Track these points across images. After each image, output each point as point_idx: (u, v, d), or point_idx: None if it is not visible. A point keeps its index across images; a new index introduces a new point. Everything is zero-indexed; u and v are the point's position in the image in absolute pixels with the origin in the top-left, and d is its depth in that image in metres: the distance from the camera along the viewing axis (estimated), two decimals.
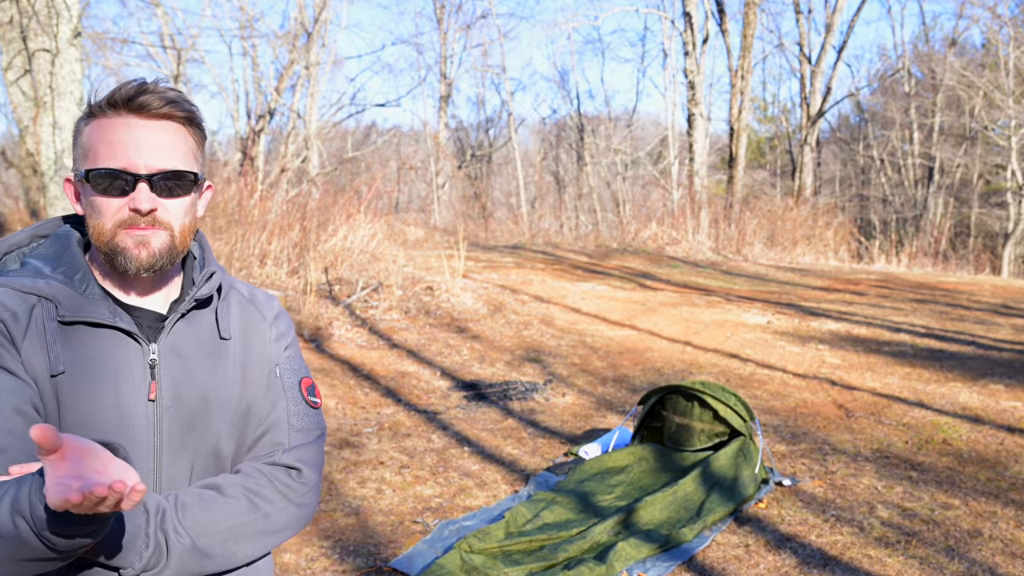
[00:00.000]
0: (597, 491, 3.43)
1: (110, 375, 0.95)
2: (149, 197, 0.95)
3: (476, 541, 2.81)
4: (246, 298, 1.11)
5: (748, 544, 3.08)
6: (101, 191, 0.95)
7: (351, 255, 7.76)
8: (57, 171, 5.96)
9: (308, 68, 15.74)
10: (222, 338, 1.03)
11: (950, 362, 6.00)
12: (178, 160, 0.97)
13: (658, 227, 13.92)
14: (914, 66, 21.25)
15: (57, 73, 5.78)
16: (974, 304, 8.65)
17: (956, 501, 3.50)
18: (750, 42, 16.20)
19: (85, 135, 0.97)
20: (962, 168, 20.40)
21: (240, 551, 1.00)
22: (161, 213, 0.96)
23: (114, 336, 0.96)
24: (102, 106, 0.96)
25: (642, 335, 6.82)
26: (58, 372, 0.92)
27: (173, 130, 0.97)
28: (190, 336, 1.01)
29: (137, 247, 0.95)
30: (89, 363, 0.94)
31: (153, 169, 0.95)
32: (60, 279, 0.98)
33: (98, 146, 0.95)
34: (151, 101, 0.95)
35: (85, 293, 0.97)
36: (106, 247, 0.96)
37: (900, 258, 13.92)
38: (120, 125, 0.95)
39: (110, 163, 0.94)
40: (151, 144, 0.95)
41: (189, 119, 0.99)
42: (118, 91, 0.95)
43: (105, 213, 0.95)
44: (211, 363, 1.02)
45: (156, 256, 0.96)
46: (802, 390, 5.32)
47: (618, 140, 21.99)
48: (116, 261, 0.96)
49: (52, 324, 0.94)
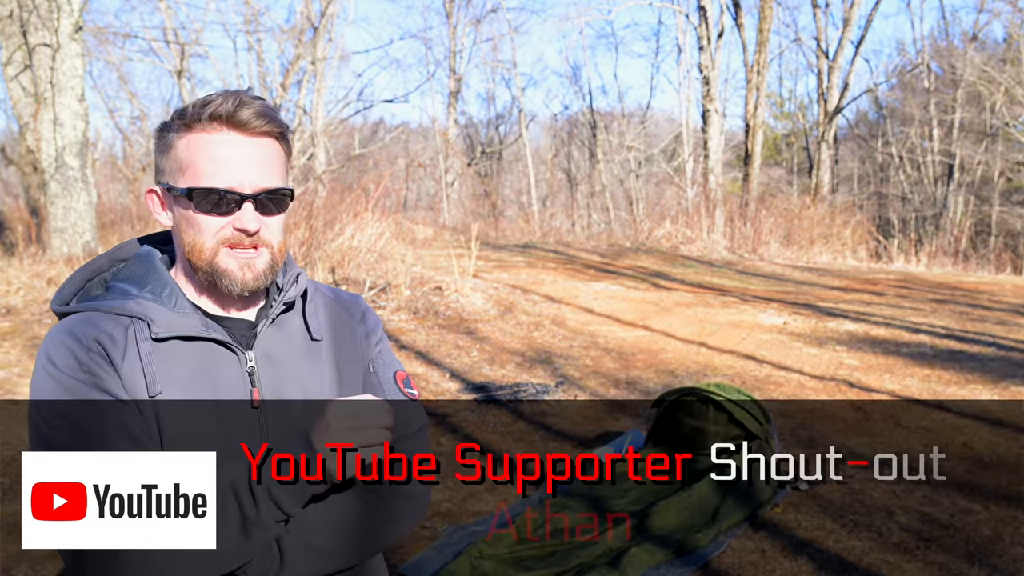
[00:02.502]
0: (611, 495, 3.40)
1: (208, 388, 0.96)
2: (255, 217, 0.95)
3: (486, 547, 2.79)
4: (331, 298, 1.11)
5: (764, 550, 3.04)
6: (204, 209, 0.95)
7: (358, 254, 7.76)
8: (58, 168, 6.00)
9: (314, 63, 15.73)
10: (313, 339, 1.04)
11: (970, 364, 5.91)
12: (277, 178, 0.98)
13: (672, 226, 13.83)
14: (933, 61, 20.96)
15: (58, 68, 5.80)
16: (995, 304, 8.51)
17: (977, 506, 3.45)
18: (766, 36, 16.05)
19: (181, 148, 0.96)
20: (983, 165, 20.10)
21: (357, 546, 1.00)
22: (264, 232, 0.97)
23: (209, 348, 0.97)
24: (201, 118, 0.95)
25: (656, 336, 6.77)
26: (156, 392, 0.93)
27: (271, 147, 0.98)
28: (282, 340, 1.02)
29: (242, 269, 0.96)
30: (187, 379, 0.95)
31: (257, 188, 0.96)
32: (149, 297, 0.97)
33: (199, 162, 0.95)
34: (252, 118, 0.95)
35: (175, 308, 0.97)
36: (207, 266, 0.96)
37: (919, 257, 13.74)
38: (223, 142, 0.95)
39: (215, 182, 0.94)
40: (254, 162, 0.96)
41: (282, 135, 0.99)
42: (218, 105, 0.95)
43: (207, 231, 0.95)
44: (306, 365, 1.02)
45: (261, 277, 0.97)
46: (819, 392, 5.26)
47: (631, 137, 21.87)
48: (220, 282, 0.96)
49: (147, 344, 0.94)
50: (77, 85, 5.85)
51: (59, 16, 5.68)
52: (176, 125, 0.97)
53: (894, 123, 22.92)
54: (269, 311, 1.02)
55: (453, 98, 22.22)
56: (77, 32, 5.83)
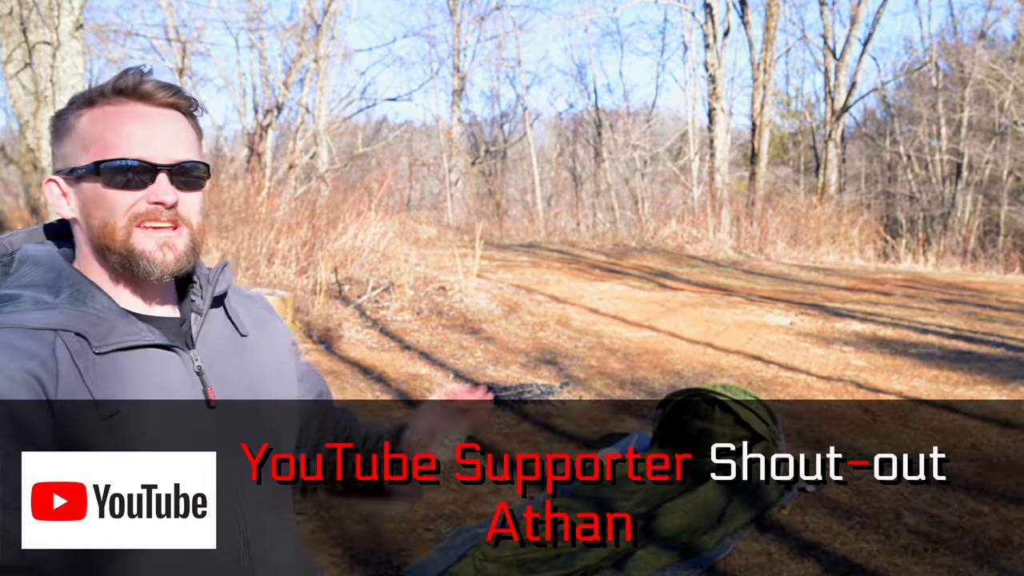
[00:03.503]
0: (616, 497, 3.39)
1: (165, 395, 0.88)
2: (171, 189, 0.88)
3: (490, 549, 2.78)
4: (241, 293, 1.06)
5: (771, 552, 3.03)
6: (115, 184, 0.87)
7: (361, 254, 7.75)
8: None
9: (317, 61, 15.66)
10: (242, 335, 0.98)
11: (979, 364, 5.87)
12: (191, 151, 0.90)
13: (678, 225, 13.80)
14: (941, 59, 20.85)
15: (58, 66, 5.78)
16: (1004, 304, 8.45)
17: (985, 508, 3.42)
18: (773, 34, 15.99)
19: (83, 126, 0.88)
20: (991, 164, 19.98)
21: None
22: (181, 208, 0.89)
23: (151, 353, 0.89)
24: (105, 93, 0.88)
25: (661, 336, 6.75)
26: (110, 414, 0.84)
27: (180, 121, 0.91)
28: (215, 337, 0.95)
29: (161, 249, 0.88)
30: (139, 391, 0.87)
31: (171, 160, 0.88)
32: (69, 305, 0.87)
33: (105, 135, 0.87)
34: (157, 89, 0.89)
35: (105, 314, 0.88)
36: (122, 247, 0.87)
37: (927, 257, 13.66)
38: (129, 113, 0.88)
39: (125, 153, 0.86)
40: (166, 134, 0.88)
41: (190, 111, 0.93)
42: (121, 79, 0.88)
43: (119, 208, 0.87)
44: (243, 360, 0.97)
45: (183, 259, 0.89)
46: (826, 393, 5.23)
47: (637, 136, 21.80)
48: (137, 266, 0.88)
49: (84, 360, 0.84)
50: (78, 83, 5.84)
51: (59, 13, 5.66)
52: (75, 106, 0.90)
53: (902, 122, 22.80)
54: (197, 305, 0.95)
55: (457, 96, 22.14)
56: (78, 30, 5.82)
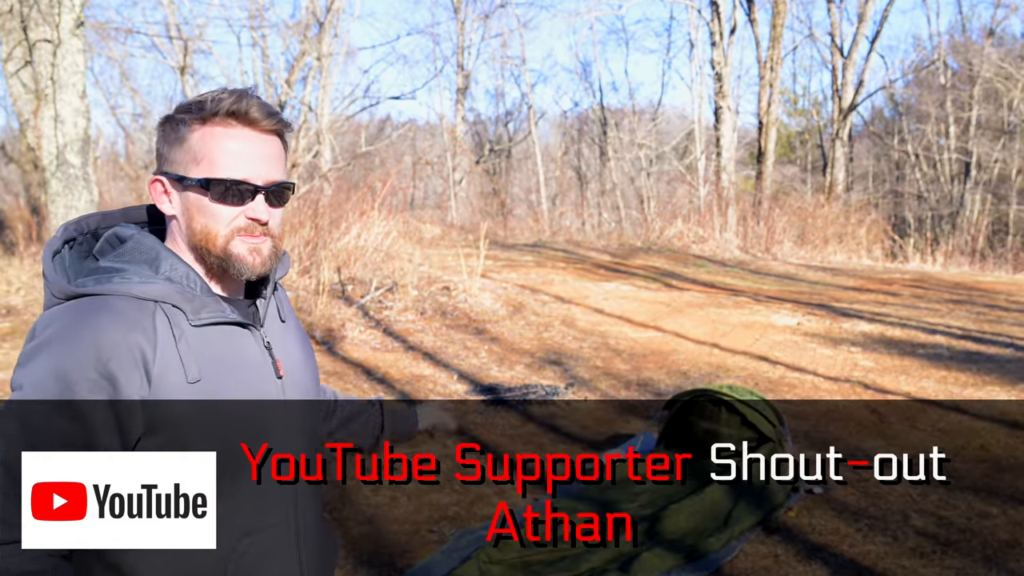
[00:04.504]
0: (620, 499, 3.37)
1: (241, 367, 1.02)
2: (266, 208, 1.03)
3: (494, 551, 2.77)
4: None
5: (777, 554, 3.01)
6: (220, 199, 1.01)
7: (365, 254, 7.73)
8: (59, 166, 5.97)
9: (320, 59, 15.64)
10: (282, 320, 1.14)
11: (988, 365, 5.83)
12: (282, 173, 1.06)
13: (684, 225, 13.76)
14: (950, 57, 20.72)
15: (59, 64, 5.77)
16: (1013, 305, 8.39)
17: (994, 510, 3.39)
18: (779, 32, 15.93)
19: (195, 140, 1.01)
20: (1000, 163, 19.84)
21: None
22: (271, 222, 1.04)
23: (232, 329, 1.03)
24: (219, 113, 1.01)
25: (667, 337, 6.73)
26: (195, 380, 0.97)
27: (276, 144, 1.05)
28: (270, 317, 1.11)
29: (251, 254, 1.03)
30: (222, 362, 1.00)
31: (267, 181, 1.03)
32: (165, 282, 1.01)
33: (215, 154, 1.01)
34: (262, 117, 1.02)
35: (198, 292, 1.02)
36: (220, 252, 1.02)
37: (935, 257, 13.57)
38: (236, 136, 1.01)
39: (231, 173, 1.01)
40: (264, 157, 1.03)
41: (283, 133, 1.07)
42: (232, 103, 1.01)
43: (221, 220, 1.02)
44: (289, 341, 1.13)
45: (267, 262, 1.05)
46: (833, 394, 5.20)
47: (642, 134, 21.73)
48: (231, 267, 1.03)
49: (179, 330, 0.98)
50: (78, 82, 5.83)
51: (60, 11, 5.65)
52: (189, 119, 1.03)
53: (910, 120, 22.67)
54: (263, 290, 1.10)
55: (461, 95, 22.07)
56: (78, 28, 5.81)
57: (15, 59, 6.71)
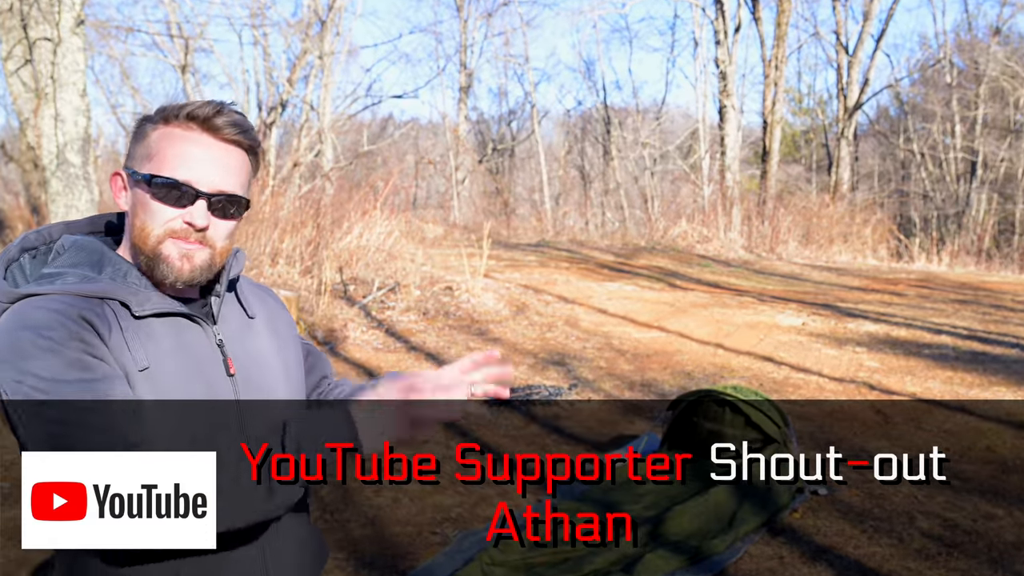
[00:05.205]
0: (624, 500, 3.36)
1: (192, 360, 1.00)
2: (205, 214, 1.00)
3: (497, 553, 2.76)
4: (254, 284, 1.21)
5: (782, 556, 3.00)
6: (160, 197, 0.99)
7: (367, 253, 7.73)
8: (59, 165, 5.96)
9: (322, 58, 15.61)
10: (249, 317, 1.11)
11: (994, 366, 5.80)
12: (236, 185, 1.03)
13: (688, 224, 13.73)
14: (956, 56, 20.63)
15: (59, 63, 5.76)
16: (1019, 305, 8.35)
17: (1000, 511, 3.37)
18: (784, 31, 15.88)
19: (153, 138, 1.01)
20: (1007, 162, 19.75)
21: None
22: (211, 231, 1.01)
23: (181, 323, 1.02)
24: (178, 116, 1.00)
25: (671, 337, 6.72)
26: (144, 367, 0.96)
27: (237, 156, 1.03)
28: (231, 316, 1.09)
29: (181, 259, 1.00)
30: (170, 352, 0.99)
31: (214, 189, 1.00)
32: (110, 279, 1.01)
33: (166, 153, 1.00)
34: (225, 126, 1.01)
35: (141, 288, 1.01)
36: (150, 251, 1.00)
37: (941, 257, 13.51)
38: (192, 140, 1.00)
39: (176, 174, 0.99)
40: (218, 165, 1.01)
41: (252, 149, 1.05)
42: (197, 107, 1.00)
43: (158, 218, 1.00)
44: (251, 338, 1.10)
45: (197, 271, 1.01)
46: (839, 394, 5.18)
47: (646, 133, 21.69)
48: (157, 268, 1.00)
49: (126, 322, 0.97)
50: (79, 80, 5.82)
51: (60, 10, 5.63)
52: (155, 118, 1.03)
53: (915, 119, 22.58)
54: (215, 288, 1.08)
55: (464, 93, 22.03)
56: (79, 26, 5.80)
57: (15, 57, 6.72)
